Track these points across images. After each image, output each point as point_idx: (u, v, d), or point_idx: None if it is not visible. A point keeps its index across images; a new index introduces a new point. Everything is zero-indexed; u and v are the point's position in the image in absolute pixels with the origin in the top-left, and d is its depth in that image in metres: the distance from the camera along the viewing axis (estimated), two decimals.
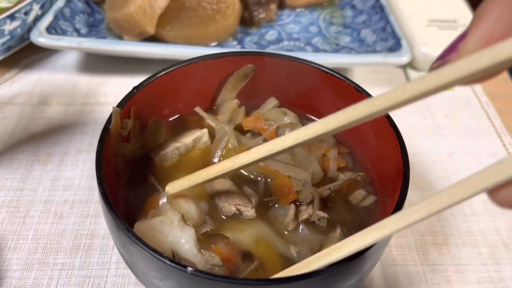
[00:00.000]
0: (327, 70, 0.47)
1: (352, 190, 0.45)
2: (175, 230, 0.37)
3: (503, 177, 0.25)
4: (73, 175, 0.58)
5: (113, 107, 0.41)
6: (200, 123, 0.49)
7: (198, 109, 0.48)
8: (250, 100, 0.51)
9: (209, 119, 0.48)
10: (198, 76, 0.48)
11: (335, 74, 0.46)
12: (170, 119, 0.50)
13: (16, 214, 0.53)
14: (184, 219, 0.38)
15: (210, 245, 0.38)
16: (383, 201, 0.44)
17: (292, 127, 0.47)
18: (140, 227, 0.38)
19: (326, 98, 0.49)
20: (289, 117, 0.48)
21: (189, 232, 0.37)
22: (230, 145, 0.46)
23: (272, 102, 0.51)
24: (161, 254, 0.32)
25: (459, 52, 0.26)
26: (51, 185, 0.56)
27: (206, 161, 0.46)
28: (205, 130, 0.48)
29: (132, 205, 0.43)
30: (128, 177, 0.44)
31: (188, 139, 0.46)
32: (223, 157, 0.45)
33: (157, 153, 0.45)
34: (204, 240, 0.38)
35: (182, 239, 0.37)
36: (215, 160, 0.46)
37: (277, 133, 0.48)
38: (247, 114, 0.50)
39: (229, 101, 0.50)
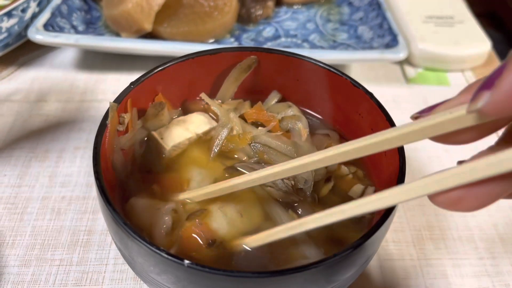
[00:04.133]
0: (324, 66, 0.47)
1: (351, 185, 0.45)
2: (157, 216, 0.39)
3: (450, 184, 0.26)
4: (70, 172, 0.58)
5: (110, 102, 0.41)
6: (205, 107, 0.49)
7: (203, 95, 0.48)
8: (249, 96, 0.51)
9: (213, 105, 0.48)
10: (196, 71, 0.48)
11: (332, 70, 0.46)
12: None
13: (14, 210, 0.53)
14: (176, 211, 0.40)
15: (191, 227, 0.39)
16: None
17: (296, 119, 0.47)
18: (132, 202, 0.41)
19: (323, 93, 0.49)
20: (293, 109, 0.48)
21: (167, 219, 0.39)
22: (234, 132, 0.46)
23: (275, 96, 0.51)
24: (158, 248, 0.32)
25: (495, 88, 0.23)
26: (49, 181, 0.56)
27: (207, 150, 0.46)
28: (215, 125, 0.47)
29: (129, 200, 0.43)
30: (127, 172, 0.44)
31: (198, 129, 0.46)
32: (225, 144, 0.46)
33: (168, 143, 0.45)
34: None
35: (163, 224, 0.39)
36: (216, 148, 0.46)
37: (281, 124, 0.48)
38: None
39: (234, 100, 0.50)
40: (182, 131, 0.46)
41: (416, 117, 0.30)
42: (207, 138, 0.47)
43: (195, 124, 0.47)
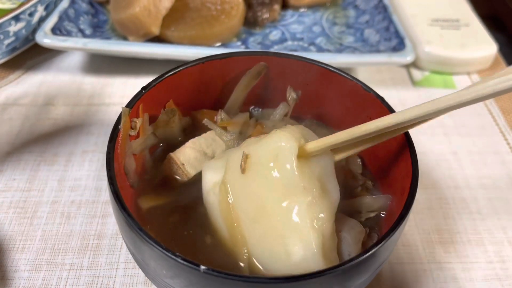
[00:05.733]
0: (334, 70, 0.47)
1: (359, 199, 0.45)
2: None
3: None
4: (79, 176, 0.58)
5: (122, 107, 0.41)
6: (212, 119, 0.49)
7: (206, 122, 0.47)
8: (259, 100, 0.51)
9: (217, 132, 0.48)
10: (206, 76, 0.48)
11: (343, 74, 0.46)
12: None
13: (24, 214, 0.53)
14: None
15: None
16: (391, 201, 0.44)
17: None
18: None
19: (333, 97, 0.49)
20: None
21: None
22: None
23: (283, 109, 0.50)
24: (173, 253, 0.32)
25: None
26: (58, 185, 0.56)
27: None
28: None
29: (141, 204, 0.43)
30: (140, 178, 0.44)
31: (216, 153, 0.46)
32: None
33: (190, 171, 0.45)
34: None
35: None
36: None
37: None
38: (257, 119, 0.50)
39: (241, 114, 0.50)
40: (201, 157, 0.46)
41: None
42: None
43: (211, 148, 0.47)
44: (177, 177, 0.45)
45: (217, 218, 0.40)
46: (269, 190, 0.37)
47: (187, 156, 0.45)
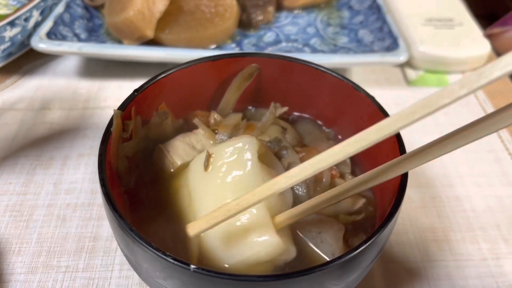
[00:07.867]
0: (326, 70, 0.47)
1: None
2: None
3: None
4: (75, 179, 0.58)
5: (114, 109, 0.41)
6: (206, 120, 0.50)
7: (197, 121, 0.48)
8: (251, 100, 0.52)
9: (207, 134, 0.48)
10: (198, 77, 0.48)
11: (334, 74, 0.47)
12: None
13: (20, 218, 0.53)
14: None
15: None
16: (381, 200, 0.44)
17: (285, 149, 0.47)
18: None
19: (325, 97, 0.49)
20: (288, 135, 0.48)
21: None
22: None
23: (274, 110, 0.50)
24: (164, 253, 0.32)
25: None
26: (54, 189, 0.57)
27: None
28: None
29: (134, 206, 0.43)
30: (132, 179, 0.45)
31: (204, 147, 0.47)
32: None
33: (177, 160, 0.46)
34: None
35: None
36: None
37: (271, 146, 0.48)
38: (249, 119, 0.50)
39: (233, 114, 0.50)
40: (189, 149, 0.46)
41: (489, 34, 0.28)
42: None
43: (201, 143, 0.47)
44: (165, 167, 0.46)
45: (180, 213, 0.43)
46: (230, 183, 0.39)
47: (175, 147, 0.46)
